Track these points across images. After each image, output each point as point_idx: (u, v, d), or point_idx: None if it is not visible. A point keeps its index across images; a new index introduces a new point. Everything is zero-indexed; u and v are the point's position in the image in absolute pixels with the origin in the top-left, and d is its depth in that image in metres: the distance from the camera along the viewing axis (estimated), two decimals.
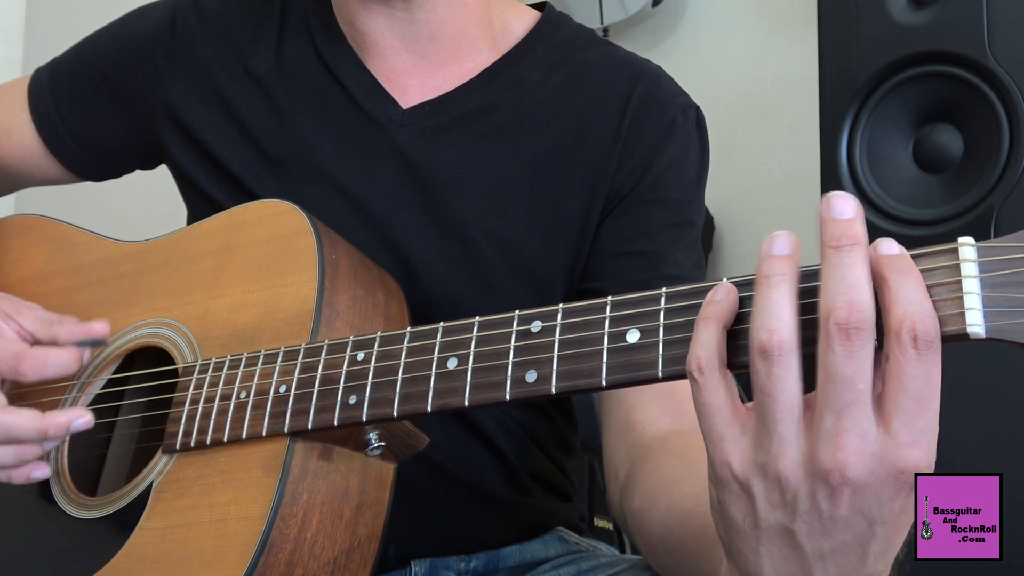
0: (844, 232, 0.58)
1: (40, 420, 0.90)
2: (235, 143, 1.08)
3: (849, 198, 0.59)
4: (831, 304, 0.56)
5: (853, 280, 0.57)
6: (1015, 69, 1.55)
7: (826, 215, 0.59)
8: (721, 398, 0.61)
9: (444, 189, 1.04)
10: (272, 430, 0.83)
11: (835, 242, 0.58)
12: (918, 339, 0.56)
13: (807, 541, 0.59)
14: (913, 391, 0.56)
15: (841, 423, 0.56)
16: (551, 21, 1.13)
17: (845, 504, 0.57)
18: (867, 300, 0.56)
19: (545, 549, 1.09)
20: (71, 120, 1.18)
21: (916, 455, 0.56)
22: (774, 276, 0.60)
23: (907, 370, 0.56)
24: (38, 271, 1.11)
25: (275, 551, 0.79)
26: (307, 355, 0.84)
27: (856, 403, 0.56)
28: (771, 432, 0.58)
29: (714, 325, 0.62)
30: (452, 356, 0.76)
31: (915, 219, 1.62)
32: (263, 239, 0.94)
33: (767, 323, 0.58)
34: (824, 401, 0.57)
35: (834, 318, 0.56)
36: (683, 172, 1.07)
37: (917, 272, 0.58)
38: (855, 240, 0.58)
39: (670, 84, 1.11)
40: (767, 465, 0.59)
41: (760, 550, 0.61)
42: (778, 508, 0.59)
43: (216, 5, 1.14)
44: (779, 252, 0.61)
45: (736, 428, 0.60)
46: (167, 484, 0.88)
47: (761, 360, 0.58)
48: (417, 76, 1.08)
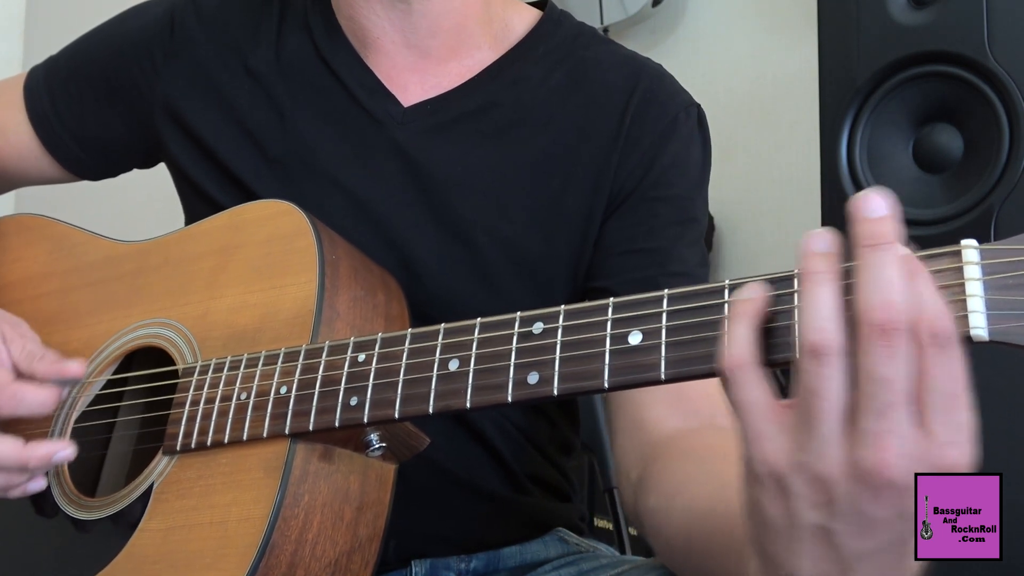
0: (878, 231, 0.58)
1: (21, 451, 0.90)
2: (235, 142, 1.08)
3: (882, 195, 0.59)
4: (869, 305, 0.56)
5: (889, 280, 0.56)
6: (1015, 69, 1.55)
7: (859, 213, 0.58)
8: (759, 395, 0.60)
9: (445, 188, 1.04)
10: (273, 431, 0.83)
11: (869, 241, 0.58)
12: (939, 337, 0.56)
13: (846, 541, 0.59)
14: (944, 391, 0.56)
15: (882, 424, 0.56)
16: (552, 19, 1.13)
17: (885, 505, 0.57)
18: (903, 300, 0.56)
19: (546, 550, 1.09)
20: (68, 119, 1.17)
21: (955, 454, 0.56)
22: (820, 273, 0.59)
23: (933, 370, 0.56)
24: (36, 271, 1.11)
25: (276, 552, 0.79)
26: (308, 356, 0.84)
27: (896, 404, 0.56)
28: (814, 431, 0.58)
29: (748, 322, 0.61)
30: (454, 357, 0.75)
31: (915, 219, 1.62)
32: (263, 239, 0.94)
33: (816, 322, 0.58)
34: (865, 403, 0.56)
35: (871, 318, 0.56)
36: (685, 169, 1.06)
37: (927, 272, 0.58)
38: (889, 239, 0.58)
39: (671, 82, 1.11)
40: (807, 464, 0.58)
41: (796, 549, 0.60)
42: (817, 507, 0.59)
43: (214, 3, 1.14)
44: (821, 249, 0.60)
45: (775, 426, 0.60)
46: (168, 485, 0.88)
47: (811, 360, 0.58)
48: (417, 73, 1.08)
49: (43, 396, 0.93)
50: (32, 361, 0.95)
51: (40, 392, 0.93)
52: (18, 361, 0.95)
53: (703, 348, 0.65)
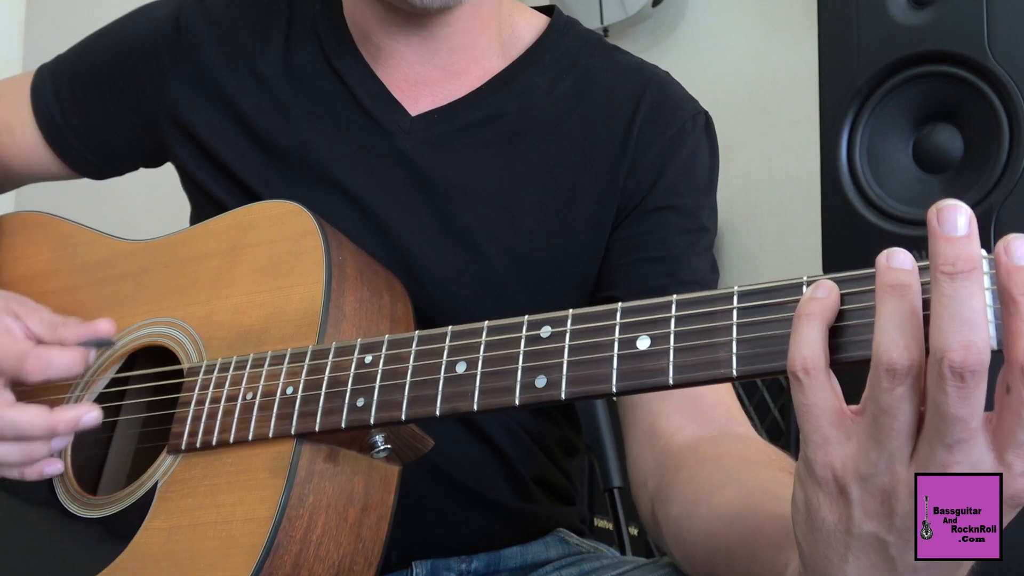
0: (959, 255, 0.53)
1: (48, 416, 0.90)
2: (241, 145, 1.08)
3: (963, 209, 0.54)
4: (945, 344, 0.53)
5: (970, 315, 0.53)
6: (1015, 69, 1.55)
7: (937, 230, 0.54)
8: (828, 400, 0.59)
9: (451, 196, 1.04)
10: (279, 432, 0.83)
11: (949, 267, 0.53)
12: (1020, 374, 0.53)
13: (899, 554, 0.58)
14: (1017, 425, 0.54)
15: (952, 456, 0.54)
16: (559, 27, 1.12)
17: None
18: (984, 338, 0.53)
19: (547, 550, 1.09)
20: (74, 119, 1.17)
21: None
22: (904, 288, 0.56)
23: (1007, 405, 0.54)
24: (40, 269, 1.11)
25: (281, 553, 0.79)
26: (314, 357, 0.84)
27: (969, 440, 0.54)
28: (882, 447, 0.57)
29: (819, 323, 0.59)
30: (461, 360, 0.75)
31: (915, 219, 1.62)
32: (270, 240, 0.94)
33: (897, 340, 0.55)
34: (935, 436, 0.55)
35: (948, 360, 0.53)
36: (694, 178, 1.06)
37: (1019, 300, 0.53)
38: (972, 264, 0.53)
39: (678, 90, 1.10)
40: (872, 477, 0.57)
41: (848, 556, 0.60)
42: (875, 518, 0.58)
43: (221, 6, 1.14)
44: (900, 265, 0.57)
45: (842, 432, 0.58)
46: (172, 484, 0.88)
47: (887, 378, 0.56)
48: (428, 86, 1.08)
49: (70, 357, 0.93)
50: (55, 329, 0.95)
51: (67, 353, 0.93)
52: (40, 333, 0.95)
53: (711, 354, 0.65)
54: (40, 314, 0.97)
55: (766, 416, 1.76)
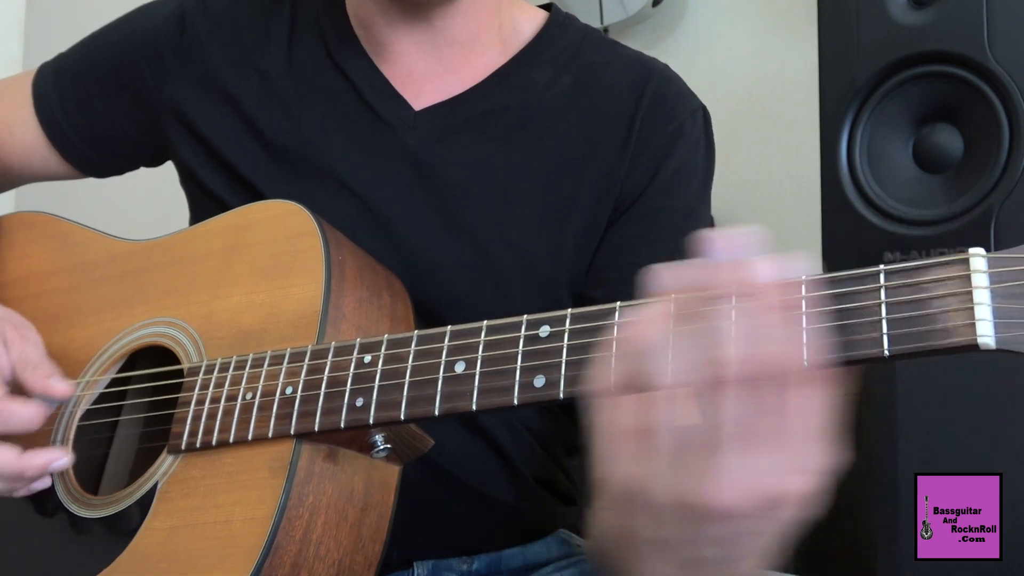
0: (734, 278, 0.60)
1: (17, 461, 0.91)
2: (243, 143, 1.08)
3: (756, 236, 0.60)
4: (730, 353, 0.58)
5: (752, 329, 0.58)
6: (1015, 69, 1.55)
7: (729, 255, 0.60)
8: (617, 420, 0.63)
9: (454, 192, 1.04)
10: (278, 431, 0.83)
11: (736, 288, 0.60)
12: (789, 379, 0.58)
13: (691, 553, 0.63)
14: (788, 427, 0.58)
15: (727, 458, 0.59)
16: (558, 22, 1.13)
17: (724, 528, 0.61)
18: (764, 349, 0.58)
19: (548, 551, 1.09)
20: (76, 118, 1.17)
21: (792, 483, 0.59)
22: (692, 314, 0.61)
23: (782, 407, 0.58)
24: (40, 268, 1.11)
25: (280, 553, 0.80)
26: (313, 357, 0.84)
27: (747, 441, 0.58)
28: (654, 461, 0.61)
29: (627, 348, 0.63)
30: (460, 360, 0.76)
31: (915, 219, 1.62)
32: (269, 239, 0.94)
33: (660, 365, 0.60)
34: (715, 437, 0.59)
35: (730, 366, 0.58)
36: (689, 179, 1.07)
37: (793, 315, 0.60)
38: (756, 287, 0.59)
39: (679, 84, 1.11)
40: (658, 490, 0.61)
41: (644, 558, 0.66)
42: (664, 526, 0.63)
43: (224, 3, 1.14)
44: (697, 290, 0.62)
45: (631, 448, 0.62)
46: (172, 484, 0.88)
47: (670, 393, 0.60)
48: (430, 80, 1.08)
49: (29, 414, 0.93)
50: (26, 369, 0.95)
51: (26, 409, 0.93)
52: (14, 365, 0.95)
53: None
54: (24, 346, 0.96)
55: None
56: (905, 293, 0.61)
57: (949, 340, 0.59)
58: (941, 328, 0.60)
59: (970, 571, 1.15)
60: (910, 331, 0.60)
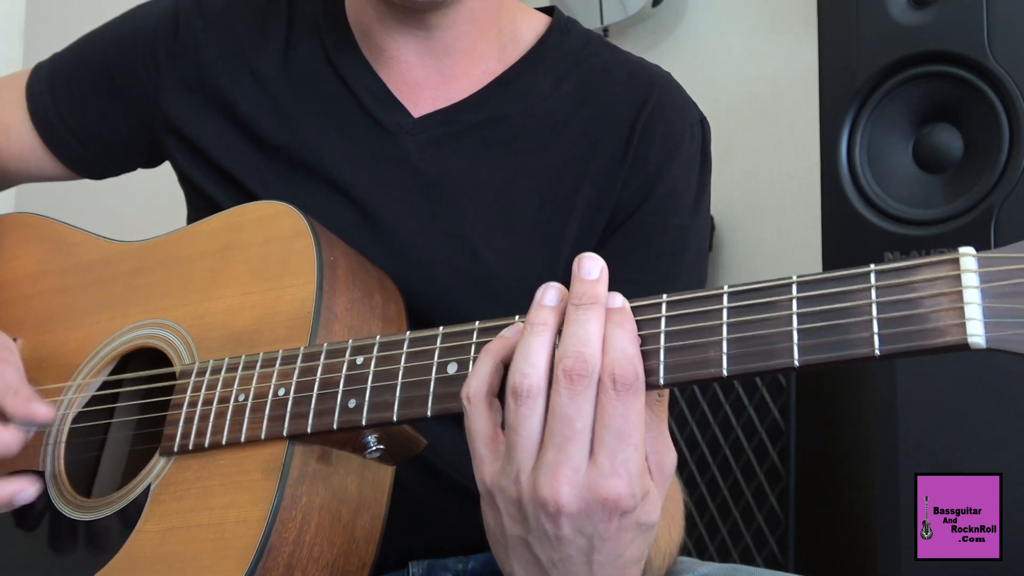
0: (586, 292, 0.67)
1: None
2: (238, 146, 1.08)
3: (597, 260, 0.68)
4: (563, 353, 0.65)
5: (585, 335, 0.66)
6: (1015, 69, 1.55)
7: (576, 274, 0.68)
8: (483, 425, 0.69)
9: (452, 198, 1.04)
10: (271, 433, 0.83)
11: (577, 300, 0.67)
12: (616, 383, 0.64)
13: (540, 552, 0.68)
14: (613, 428, 0.64)
15: (559, 456, 0.65)
16: (560, 27, 1.12)
17: (564, 526, 0.66)
18: (593, 352, 0.65)
19: None
20: (70, 119, 1.17)
21: (617, 485, 0.65)
22: (537, 324, 0.68)
23: (607, 409, 0.65)
24: (33, 270, 1.11)
25: (274, 554, 0.79)
26: (305, 359, 0.84)
27: (573, 439, 0.65)
28: (512, 461, 0.67)
29: (492, 359, 0.70)
30: (452, 361, 0.76)
31: (915, 219, 1.62)
32: (261, 241, 0.94)
33: (521, 367, 0.67)
34: (549, 437, 0.65)
35: (563, 366, 0.65)
36: (686, 194, 1.06)
37: (631, 323, 0.67)
38: (594, 299, 0.67)
39: (680, 96, 1.10)
40: (507, 488, 0.68)
41: (509, 554, 0.70)
42: (517, 523, 0.69)
43: (220, 4, 1.13)
44: (548, 303, 0.69)
45: (492, 452, 0.69)
46: (165, 486, 0.87)
47: (512, 399, 0.67)
48: (430, 88, 1.08)
49: (8, 438, 0.92)
50: (6, 395, 0.93)
51: (4, 435, 0.92)
52: None
53: (702, 353, 0.66)
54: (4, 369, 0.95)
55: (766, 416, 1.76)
56: (896, 293, 0.61)
57: (939, 340, 0.59)
58: (932, 328, 0.60)
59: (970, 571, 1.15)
60: (901, 331, 0.61)
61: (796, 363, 0.63)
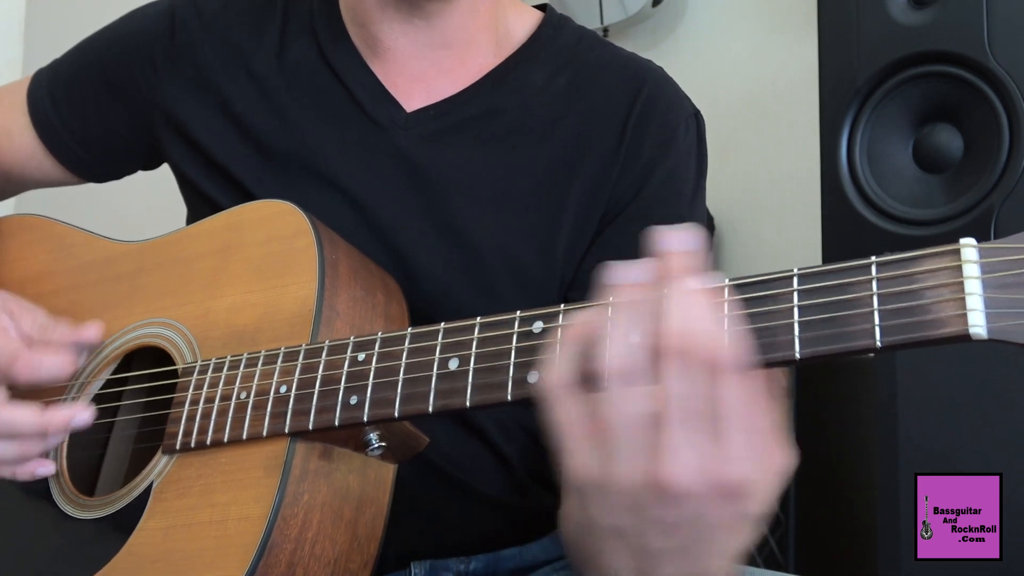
0: (683, 265, 0.63)
1: (41, 416, 0.91)
2: (235, 145, 1.08)
3: (689, 234, 0.64)
4: (669, 331, 0.61)
5: (689, 310, 0.62)
6: (1015, 69, 1.55)
7: (664, 251, 0.64)
8: (571, 415, 0.65)
9: (446, 193, 1.04)
10: (273, 430, 0.83)
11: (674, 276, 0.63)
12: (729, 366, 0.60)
13: (646, 543, 0.64)
14: (734, 412, 0.60)
15: (675, 438, 0.61)
16: (553, 23, 1.13)
17: (679, 513, 0.62)
18: (699, 329, 0.61)
19: (545, 551, 1.09)
20: (71, 122, 1.17)
21: (741, 469, 0.60)
22: (624, 303, 0.64)
23: (725, 393, 0.60)
24: (36, 271, 1.11)
25: (276, 552, 0.79)
26: (307, 356, 0.84)
27: (690, 418, 0.60)
28: (617, 446, 0.63)
29: (573, 345, 0.66)
30: (454, 356, 0.76)
31: (915, 219, 1.62)
32: (263, 239, 0.94)
33: (617, 347, 0.63)
34: (662, 418, 0.61)
35: (670, 343, 0.61)
36: (680, 187, 1.07)
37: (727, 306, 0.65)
38: (691, 274, 0.63)
39: (673, 90, 1.10)
40: (614, 475, 0.63)
41: (606, 547, 0.66)
42: (624, 512, 0.64)
43: (215, 4, 1.14)
44: (632, 281, 0.65)
45: (585, 442, 0.64)
46: (167, 484, 0.88)
47: (609, 381, 0.63)
48: (423, 81, 1.08)
49: (60, 361, 0.94)
50: (46, 331, 0.96)
51: (57, 357, 0.94)
52: (31, 332, 0.96)
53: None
54: (34, 315, 0.97)
55: None
56: (897, 284, 0.61)
57: (941, 331, 0.60)
58: (933, 319, 0.60)
59: (970, 571, 1.15)
60: (902, 322, 0.61)
61: (797, 355, 0.63)
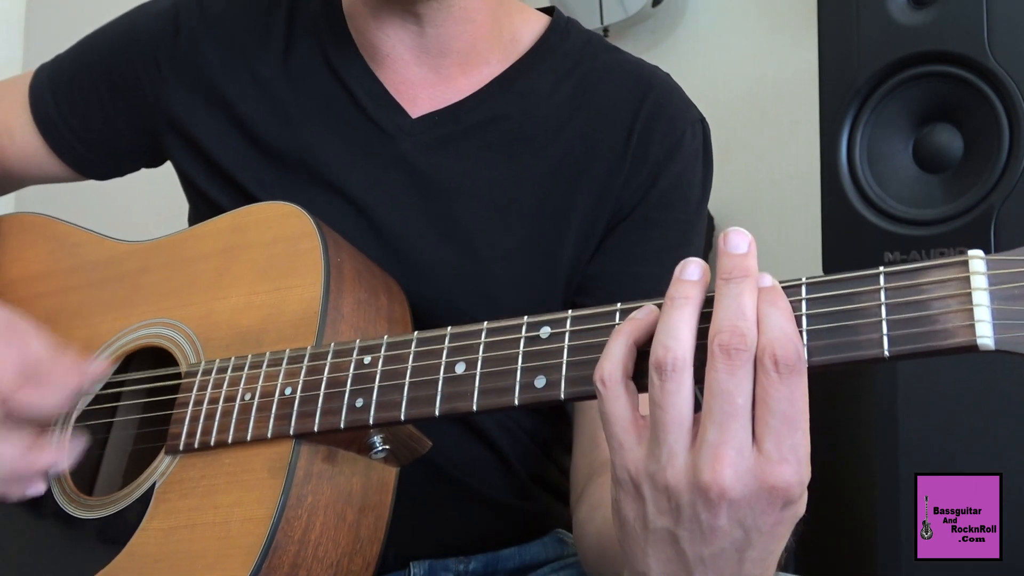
0: (736, 265, 0.64)
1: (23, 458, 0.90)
2: (238, 148, 1.08)
3: (745, 234, 0.65)
4: (718, 327, 0.62)
5: (739, 308, 0.63)
6: (1015, 69, 1.55)
7: (722, 248, 0.65)
8: (621, 408, 0.65)
9: (450, 199, 1.04)
10: (277, 432, 0.83)
11: (727, 274, 0.64)
12: (779, 364, 0.61)
13: (688, 546, 0.64)
14: (779, 412, 0.61)
15: (721, 435, 0.61)
16: (560, 28, 1.12)
17: (722, 515, 0.62)
18: (750, 327, 0.62)
19: (545, 551, 1.09)
20: (73, 120, 1.17)
21: (786, 472, 0.61)
22: (679, 298, 0.65)
23: (771, 392, 0.61)
24: (37, 270, 1.11)
25: (279, 553, 0.79)
26: (313, 358, 0.84)
27: (735, 417, 0.61)
28: (661, 443, 0.63)
29: (624, 340, 0.67)
30: (460, 361, 0.76)
31: (915, 219, 1.62)
32: (268, 241, 0.94)
33: (665, 341, 0.64)
34: (708, 415, 0.62)
35: (719, 340, 0.62)
36: (688, 192, 1.07)
37: (785, 302, 0.63)
38: (745, 273, 0.64)
39: (679, 96, 1.10)
40: (656, 474, 0.63)
41: (648, 550, 0.66)
42: (664, 514, 0.64)
43: (220, 5, 1.13)
44: (689, 277, 0.66)
45: (633, 437, 0.65)
46: (170, 485, 0.88)
47: (656, 375, 0.63)
48: (427, 88, 1.08)
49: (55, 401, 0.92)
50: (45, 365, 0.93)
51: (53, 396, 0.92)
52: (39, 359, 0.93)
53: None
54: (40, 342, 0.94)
55: None
56: (905, 294, 0.62)
57: (949, 341, 0.60)
58: (941, 329, 0.60)
59: (970, 571, 1.16)
60: (910, 332, 0.61)
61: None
